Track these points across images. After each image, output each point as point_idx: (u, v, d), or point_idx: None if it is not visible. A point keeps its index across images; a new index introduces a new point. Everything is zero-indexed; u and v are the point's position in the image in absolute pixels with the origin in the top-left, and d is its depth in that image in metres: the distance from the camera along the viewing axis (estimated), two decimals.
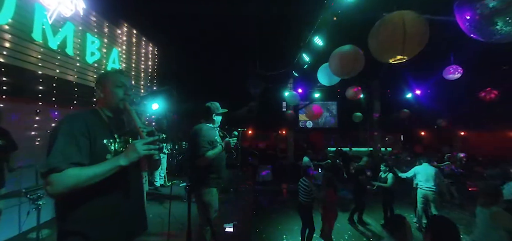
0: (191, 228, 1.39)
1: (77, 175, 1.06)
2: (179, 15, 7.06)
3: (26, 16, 3.27)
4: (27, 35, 3.28)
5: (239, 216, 4.29)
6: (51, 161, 1.05)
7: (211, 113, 2.63)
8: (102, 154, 1.20)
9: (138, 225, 1.38)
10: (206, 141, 2.41)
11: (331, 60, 3.81)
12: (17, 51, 3.16)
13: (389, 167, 4.70)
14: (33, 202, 2.45)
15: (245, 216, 4.37)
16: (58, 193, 1.05)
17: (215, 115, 2.64)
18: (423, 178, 4.42)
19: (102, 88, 1.34)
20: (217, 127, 2.70)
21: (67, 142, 1.11)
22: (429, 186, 4.32)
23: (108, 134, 1.27)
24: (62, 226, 1.16)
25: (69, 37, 3.90)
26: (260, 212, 5.35)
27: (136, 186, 1.38)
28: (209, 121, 2.65)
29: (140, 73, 6.16)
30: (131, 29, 5.77)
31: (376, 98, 10.82)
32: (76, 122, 1.18)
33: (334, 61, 3.71)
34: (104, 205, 1.19)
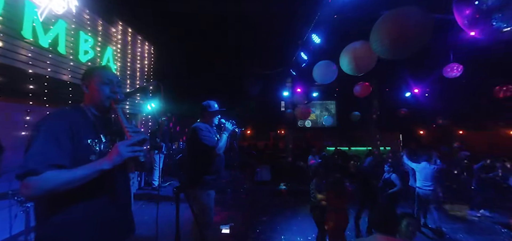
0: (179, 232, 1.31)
1: (56, 179, 0.98)
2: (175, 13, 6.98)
3: (16, 13, 3.17)
4: (16, 32, 3.19)
5: (236, 216, 4.22)
6: (28, 162, 0.98)
7: (208, 112, 2.57)
8: (86, 155, 1.12)
9: (125, 229, 1.31)
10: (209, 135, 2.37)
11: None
12: (6, 49, 3.06)
13: (393, 167, 4.61)
14: (21, 204, 2.37)
15: (243, 217, 4.30)
16: (34, 197, 0.97)
17: (212, 115, 2.58)
18: (422, 177, 4.38)
19: (87, 85, 1.26)
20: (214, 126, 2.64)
21: (47, 142, 1.03)
22: (427, 185, 4.28)
23: (93, 133, 1.19)
24: (41, 231, 1.08)
25: (61, 35, 3.80)
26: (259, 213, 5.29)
27: (123, 188, 1.30)
28: (205, 119, 2.59)
29: (136, 73, 6.07)
30: (126, 27, 5.68)
31: (374, 97, 10.79)
32: (58, 120, 1.11)
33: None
34: (88, 208, 1.11)
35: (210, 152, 2.39)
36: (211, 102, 2.60)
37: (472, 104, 10.51)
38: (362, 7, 4.15)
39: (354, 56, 3.54)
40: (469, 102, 10.55)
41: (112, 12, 5.15)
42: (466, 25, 2.78)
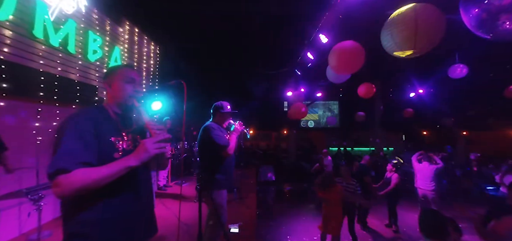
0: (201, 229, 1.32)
1: (85, 176, 0.99)
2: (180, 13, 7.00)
3: (27, 13, 3.20)
4: (28, 32, 3.21)
5: (243, 216, 4.23)
6: (58, 161, 0.98)
7: (221, 113, 2.58)
8: (110, 153, 1.13)
9: (148, 228, 1.31)
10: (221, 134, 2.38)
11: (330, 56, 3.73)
12: (18, 48, 3.09)
13: (396, 167, 4.63)
14: (35, 202, 2.39)
15: (249, 217, 4.31)
16: (66, 194, 0.98)
17: (225, 116, 2.58)
18: (422, 177, 4.41)
19: (110, 84, 1.26)
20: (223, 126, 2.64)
21: (74, 141, 1.04)
22: (427, 185, 4.31)
23: (116, 131, 1.20)
24: (68, 228, 1.09)
25: (70, 35, 3.83)
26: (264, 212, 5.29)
27: (146, 186, 1.31)
28: (217, 120, 2.60)
29: (142, 72, 6.10)
30: (133, 27, 5.70)
31: (378, 97, 10.77)
32: (83, 119, 1.12)
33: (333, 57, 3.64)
34: (113, 206, 1.12)
35: (222, 152, 2.40)
36: (224, 103, 2.60)
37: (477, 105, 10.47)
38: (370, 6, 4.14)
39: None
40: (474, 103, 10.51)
41: (119, 12, 5.18)
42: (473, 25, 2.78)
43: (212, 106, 2.64)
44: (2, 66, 2.86)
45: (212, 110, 2.65)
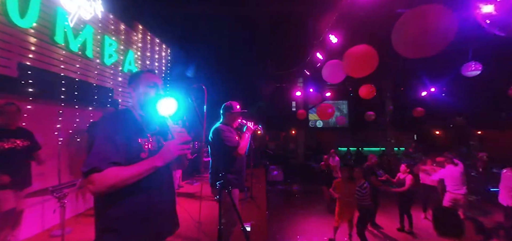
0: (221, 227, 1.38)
1: (116, 175, 1.08)
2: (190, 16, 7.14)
3: (49, 20, 3.36)
4: (50, 38, 3.38)
5: (254, 215, 4.29)
6: (92, 160, 1.07)
7: (230, 113, 2.62)
8: (137, 153, 1.21)
9: (171, 224, 1.39)
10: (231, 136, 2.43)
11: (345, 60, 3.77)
12: (41, 54, 3.26)
13: (410, 168, 4.57)
14: (59, 200, 2.52)
15: (260, 216, 4.36)
16: (99, 191, 1.07)
17: (234, 116, 2.62)
18: (451, 182, 4.27)
19: (134, 88, 1.35)
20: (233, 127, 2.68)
21: (105, 142, 1.12)
22: (458, 189, 4.17)
23: (141, 133, 1.28)
24: (100, 223, 1.18)
25: (88, 40, 4.00)
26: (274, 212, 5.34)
27: (168, 185, 1.39)
28: (227, 120, 2.64)
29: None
30: (145, 31, 5.87)
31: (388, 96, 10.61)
32: (113, 122, 1.20)
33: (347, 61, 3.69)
34: (139, 204, 1.20)
35: (232, 152, 2.45)
36: (233, 103, 2.63)
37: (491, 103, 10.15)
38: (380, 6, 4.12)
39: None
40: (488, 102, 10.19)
41: (133, 16, 5.35)
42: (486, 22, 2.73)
43: (222, 107, 2.67)
44: (28, 71, 3.04)
45: (221, 111, 2.68)
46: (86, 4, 3.98)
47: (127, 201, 1.17)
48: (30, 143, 2.72)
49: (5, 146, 2.48)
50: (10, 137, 2.55)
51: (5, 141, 2.49)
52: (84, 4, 3.91)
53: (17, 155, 2.57)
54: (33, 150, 2.78)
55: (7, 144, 2.50)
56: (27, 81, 3.04)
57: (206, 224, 3.31)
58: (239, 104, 2.68)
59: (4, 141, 2.49)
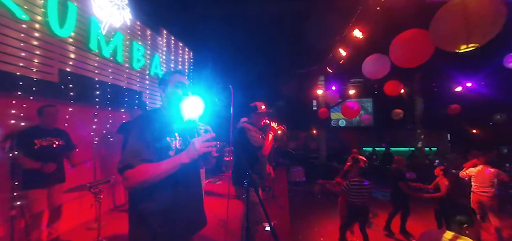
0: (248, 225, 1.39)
1: (147, 171, 1.14)
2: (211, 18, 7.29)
3: (84, 29, 3.64)
4: (85, 45, 3.66)
5: (277, 215, 4.26)
6: (125, 158, 1.14)
7: (255, 113, 2.63)
8: (166, 151, 1.26)
9: (199, 220, 1.43)
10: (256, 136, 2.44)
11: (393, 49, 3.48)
12: (78, 61, 3.53)
13: (445, 171, 4.22)
14: (96, 195, 2.71)
15: (282, 216, 4.33)
16: (133, 186, 1.13)
17: (259, 116, 2.63)
18: (478, 182, 4.01)
19: (164, 88, 1.41)
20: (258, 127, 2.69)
21: (137, 141, 1.19)
22: (484, 190, 3.92)
23: (170, 132, 1.33)
24: (133, 217, 1.24)
25: (119, 46, 4.26)
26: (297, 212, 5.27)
27: (195, 182, 1.43)
28: (252, 120, 2.66)
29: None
30: (169, 35, 6.12)
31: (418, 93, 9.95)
32: (144, 122, 1.27)
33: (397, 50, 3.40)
34: (168, 199, 1.25)
35: (256, 152, 2.46)
36: (258, 104, 2.66)
37: None
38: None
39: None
40: None
41: (158, 22, 5.60)
42: None
43: (247, 107, 2.71)
44: (68, 77, 3.31)
45: (247, 111, 2.72)
46: (116, 13, 4.24)
47: (157, 196, 1.22)
48: (65, 142, 2.94)
49: (43, 144, 2.71)
50: (48, 136, 2.78)
51: (43, 139, 2.73)
52: (114, 12, 4.18)
53: (53, 153, 2.78)
54: (68, 150, 3.00)
55: (45, 142, 2.73)
56: (67, 86, 3.32)
57: (229, 222, 3.35)
58: (264, 104, 2.69)
59: (43, 139, 2.72)
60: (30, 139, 2.62)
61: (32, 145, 2.61)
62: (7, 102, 2.70)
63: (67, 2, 3.32)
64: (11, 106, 2.72)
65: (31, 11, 2.89)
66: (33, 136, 2.66)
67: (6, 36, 2.63)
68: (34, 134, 2.67)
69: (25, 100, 2.82)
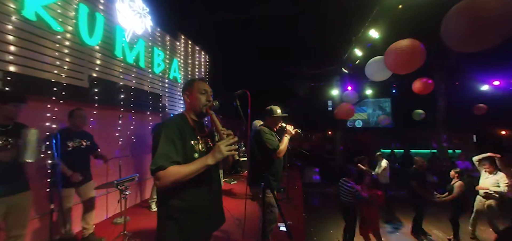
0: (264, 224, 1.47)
1: (177, 172, 1.25)
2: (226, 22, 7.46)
3: (110, 37, 3.91)
4: (111, 53, 3.92)
5: (291, 216, 4.30)
6: (157, 160, 1.25)
7: (271, 117, 2.69)
8: (191, 154, 1.37)
9: (219, 218, 1.53)
10: (271, 138, 2.51)
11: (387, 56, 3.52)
12: (105, 67, 3.79)
13: (459, 173, 4.10)
14: (122, 192, 2.91)
15: (297, 217, 4.36)
16: (164, 185, 1.25)
17: (275, 120, 2.69)
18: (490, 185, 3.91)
19: (188, 95, 1.51)
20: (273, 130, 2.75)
21: (167, 144, 1.30)
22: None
23: (194, 135, 1.44)
24: (162, 212, 1.37)
25: (141, 52, 4.51)
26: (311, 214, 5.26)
27: (217, 182, 1.53)
28: (268, 123, 2.73)
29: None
30: (187, 40, 6.35)
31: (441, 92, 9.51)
32: (172, 126, 1.37)
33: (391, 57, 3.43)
34: (193, 197, 1.36)
35: (272, 154, 2.52)
36: (273, 108, 2.72)
37: None
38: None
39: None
40: None
41: (176, 28, 5.85)
42: None
43: (263, 110, 2.78)
44: (94, 82, 3.57)
45: (263, 114, 2.79)
46: (138, 21, 4.50)
47: (184, 195, 1.34)
48: (90, 143, 3.17)
49: (74, 146, 2.93)
50: (76, 137, 2.99)
51: (73, 141, 2.94)
52: (136, 20, 4.44)
53: (81, 153, 3.01)
54: (93, 150, 3.22)
55: (75, 144, 2.95)
56: (95, 91, 3.58)
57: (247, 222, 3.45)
58: (279, 108, 2.75)
59: (73, 141, 2.94)
60: (63, 141, 2.86)
61: (65, 146, 2.84)
62: (44, 106, 2.98)
63: (95, 13, 3.59)
64: (47, 110, 3.00)
65: (64, 23, 3.16)
66: (65, 138, 2.89)
67: (43, 47, 2.90)
68: (66, 136, 2.90)
69: (59, 104, 3.09)
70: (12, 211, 2.13)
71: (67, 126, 3.00)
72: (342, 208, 3.71)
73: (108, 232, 3.38)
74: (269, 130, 2.65)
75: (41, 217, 2.94)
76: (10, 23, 2.55)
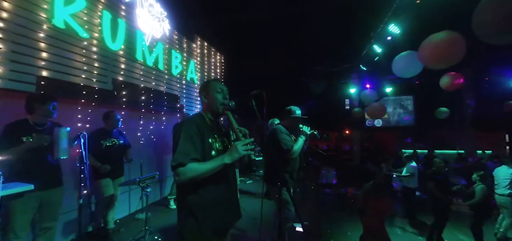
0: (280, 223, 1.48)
1: (196, 169, 1.29)
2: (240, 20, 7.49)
3: (131, 41, 4.09)
4: (132, 56, 4.11)
5: (307, 217, 4.26)
6: (177, 157, 1.30)
7: (290, 117, 2.68)
8: (209, 152, 1.42)
9: (235, 214, 1.57)
10: (287, 138, 2.51)
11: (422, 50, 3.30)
12: (127, 70, 3.98)
13: (481, 176, 3.81)
14: (143, 189, 3.04)
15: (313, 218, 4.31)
16: (183, 182, 1.30)
17: (293, 120, 2.68)
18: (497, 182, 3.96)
19: (205, 95, 1.55)
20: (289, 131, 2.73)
21: (187, 142, 1.35)
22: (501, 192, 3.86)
23: (211, 134, 1.48)
24: (181, 209, 1.42)
25: (160, 55, 4.69)
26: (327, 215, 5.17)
27: (233, 180, 1.56)
28: (286, 122, 2.73)
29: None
30: (203, 42, 6.49)
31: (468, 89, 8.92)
32: (191, 125, 1.42)
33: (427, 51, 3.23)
34: (211, 194, 1.40)
35: (286, 154, 2.51)
36: (293, 108, 2.71)
37: None
38: None
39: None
40: None
41: (192, 30, 6.00)
42: None
43: (283, 110, 2.78)
44: (121, 85, 3.77)
45: (283, 113, 2.79)
46: (157, 25, 4.67)
47: (203, 191, 1.38)
48: (123, 142, 3.37)
49: (107, 144, 3.18)
50: (111, 137, 3.23)
51: (107, 140, 3.19)
52: (155, 25, 4.61)
53: (115, 151, 3.24)
54: (125, 148, 3.43)
55: (109, 143, 3.19)
56: (119, 93, 3.77)
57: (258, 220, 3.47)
58: (299, 109, 2.73)
59: (107, 140, 3.19)
60: (98, 140, 3.09)
61: (99, 145, 3.08)
62: (73, 107, 3.19)
63: (117, 19, 3.78)
64: (76, 111, 3.21)
65: (90, 29, 3.36)
66: (101, 137, 3.13)
67: (71, 52, 3.11)
68: (101, 136, 3.15)
69: (86, 105, 3.30)
70: (45, 205, 2.31)
71: (103, 127, 3.23)
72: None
73: (130, 227, 3.55)
74: (285, 130, 2.64)
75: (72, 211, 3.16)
76: (42, 32, 2.75)
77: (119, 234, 3.37)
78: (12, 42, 2.47)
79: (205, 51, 6.64)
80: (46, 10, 2.80)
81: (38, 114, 2.27)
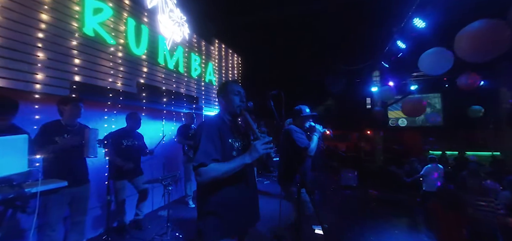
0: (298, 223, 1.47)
1: (217, 169, 1.33)
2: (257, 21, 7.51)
3: (154, 46, 4.28)
4: (154, 60, 4.29)
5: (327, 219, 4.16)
6: (199, 157, 1.34)
7: (300, 117, 2.70)
8: (229, 152, 1.45)
9: (255, 214, 1.58)
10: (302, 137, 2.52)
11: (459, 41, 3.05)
12: (149, 74, 4.18)
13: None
14: (165, 187, 3.17)
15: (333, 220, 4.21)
16: (205, 181, 1.34)
17: (303, 119, 2.69)
18: None
19: (223, 96, 1.59)
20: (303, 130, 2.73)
21: (207, 142, 1.38)
22: None
23: (231, 135, 1.51)
24: (202, 207, 1.46)
25: (180, 58, 4.86)
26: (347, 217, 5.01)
27: (252, 180, 1.58)
28: (297, 122, 2.74)
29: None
30: (221, 44, 6.62)
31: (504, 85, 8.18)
32: (212, 126, 1.46)
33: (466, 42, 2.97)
34: (231, 193, 1.43)
35: (303, 153, 2.51)
36: (302, 107, 2.75)
37: None
38: None
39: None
40: None
41: (210, 33, 6.14)
42: None
43: (293, 110, 2.80)
44: (143, 87, 3.97)
45: (293, 114, 2.82)
46: (177, 29, 4.84)
47: (223, 190, 1.41)
48: (141, 143, 3.53)
49: (128, 144, 3.34)
50: (131, 137, 3.41)
51: (128, 139, 3.35)
52: (176, 29, 4.78)
53: (134, 151, 3.40)
54: (143, 149, 3.58)
55: (129, 142, 3.36)
56: (142, 95, 3.97)
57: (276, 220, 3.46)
58: (308, 107, 2.77)
59: (127, 139, 3.35)
60: (119, 139, 3.26)
61: (120, 144, 3.25)
62: (101, 109, 3.41)
63: (141, 25, 3.98)
64: (104, 113, 3.43)
65: (116, 36, 3.57)
66: (122, 137, 3.30)
67: (100, 58, 3.32)
68: (122, 135, 3.32)
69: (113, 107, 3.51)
70: (75, 200, 2.50)
71: (126, 127, 3.41)
72: None
73: (154, 223, 3.71)
74: (299, 129, 2.65)
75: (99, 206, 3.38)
76: (74, 40, 2.98)
77: (144, 230, 3.54)
78: (49, 50, 2.70)
79: (223, 53, 6.77)
80: (77, 19, 3.02)
81: (67, 116, 2.46)
